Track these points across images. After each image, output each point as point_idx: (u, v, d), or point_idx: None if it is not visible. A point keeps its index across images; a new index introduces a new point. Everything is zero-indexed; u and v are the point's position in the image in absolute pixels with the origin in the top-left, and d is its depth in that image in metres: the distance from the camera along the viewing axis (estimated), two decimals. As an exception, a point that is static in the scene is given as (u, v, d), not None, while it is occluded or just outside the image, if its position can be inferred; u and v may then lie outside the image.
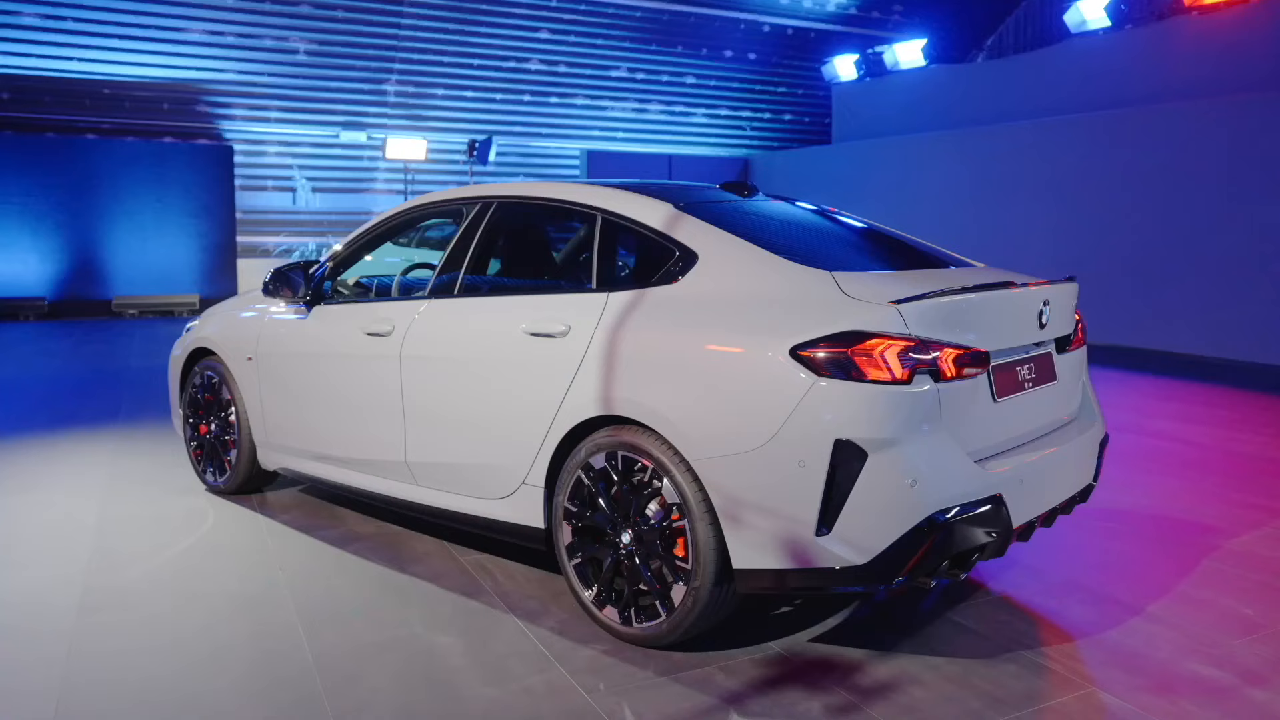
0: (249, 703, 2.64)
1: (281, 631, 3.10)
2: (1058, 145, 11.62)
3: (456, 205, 3.96)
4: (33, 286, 13.72)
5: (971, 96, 14.49)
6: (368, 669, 2.83)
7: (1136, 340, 10.44)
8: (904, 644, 2.99)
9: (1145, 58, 12.03)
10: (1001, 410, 2.88)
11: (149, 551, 3.87)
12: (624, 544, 2.96)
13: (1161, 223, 10.44)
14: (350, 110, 15.94)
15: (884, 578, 2.58)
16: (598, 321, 3.07)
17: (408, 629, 3.12)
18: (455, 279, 3.66)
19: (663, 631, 2.88)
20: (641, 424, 2.90)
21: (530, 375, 3.22)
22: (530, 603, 3.32)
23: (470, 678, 2.77)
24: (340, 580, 3.57)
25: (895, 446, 2.54)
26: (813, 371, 2.59)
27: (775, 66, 19.11)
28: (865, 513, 2.55)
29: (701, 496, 2.76)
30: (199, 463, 4.80)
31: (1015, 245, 11.62)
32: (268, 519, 4.31)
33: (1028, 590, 3.44)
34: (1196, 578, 3.58)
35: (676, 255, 3.07)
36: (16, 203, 13.64)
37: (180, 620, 3.18)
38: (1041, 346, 3.15)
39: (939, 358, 2.62)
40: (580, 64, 17.10)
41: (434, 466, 3.58)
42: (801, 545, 2.61)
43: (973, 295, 2.87)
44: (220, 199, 14.99)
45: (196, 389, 4.73)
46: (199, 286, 14.81)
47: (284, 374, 4.23)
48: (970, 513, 2.60)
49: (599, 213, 3.35)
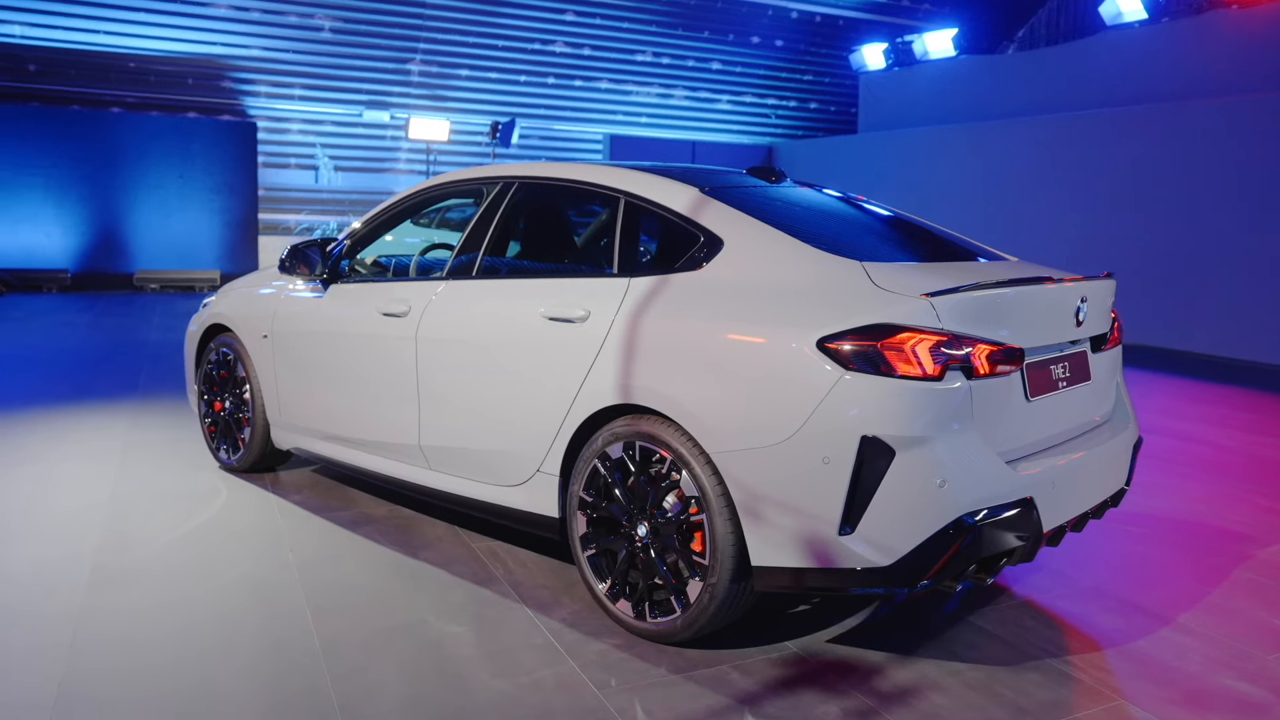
0: (255, 689, 2.60)
1: (290, 617, 3.05)
2: (1089, 140, 11.40)
3: (477, 185, 3.88)
4: (56, 259, 13.77)
5: (1002, 89, 14.24)
6: (376, 658, 2.78)
7: (1165, 340, 10.24)
8: (925, 647, 2.91)
9: (1182, 52, 11.78)
10: (1034, 410, 2.78)
11: (160, 530, 3.84)
12: (640, 537, 2.89)
13: (1194, 221, 10.23)
14: (374, 89, 15.88)
15: (908, 581, 2.49)
16: (618, 307, 2.99)
17: (417, 616, 3.06)
18: (474, 260, 3.59)
19: (677, 628, 2.81)
20: (661, 414, 2.83)
21: (548, 361, 3.15)
22: (542, 593, 3.26)
23: (479, 669, 2.71)
24: (351, 564, 3.52)
25: (924, 445, 2.45)
26: (840, 365, 2.50)
27: (802, 54, 18.91)
28: (890, 513, 2.46)
29: (721, 490, 2.68)
30: (212, 440, 4.77)
31: (1042, 240, 11.43)
32: (280, 499, 4.27)
33: (1052, 595, 3.34)
34: (1227, 587, 3.47)
35: (701, 241, 2.98)
36: (41, 175, 13.68)
37: (189, 603, 3.14)
38: (1077, 345, 3.05)
39: (972, 354, 2.52)
40: (605, 47, 16.96)
41: (448, 451, 3.52)
42: (823, 544, 2.53)
43: (1008, 290, 2.77)
44: (243, 175, 15.00)
45: (212, 365, 4.69)
46: (220, 263, 14.83)
47: (299, 352, 4.18)
48: (1000, 516, 2.51)
49: (622, 195, 3.26)
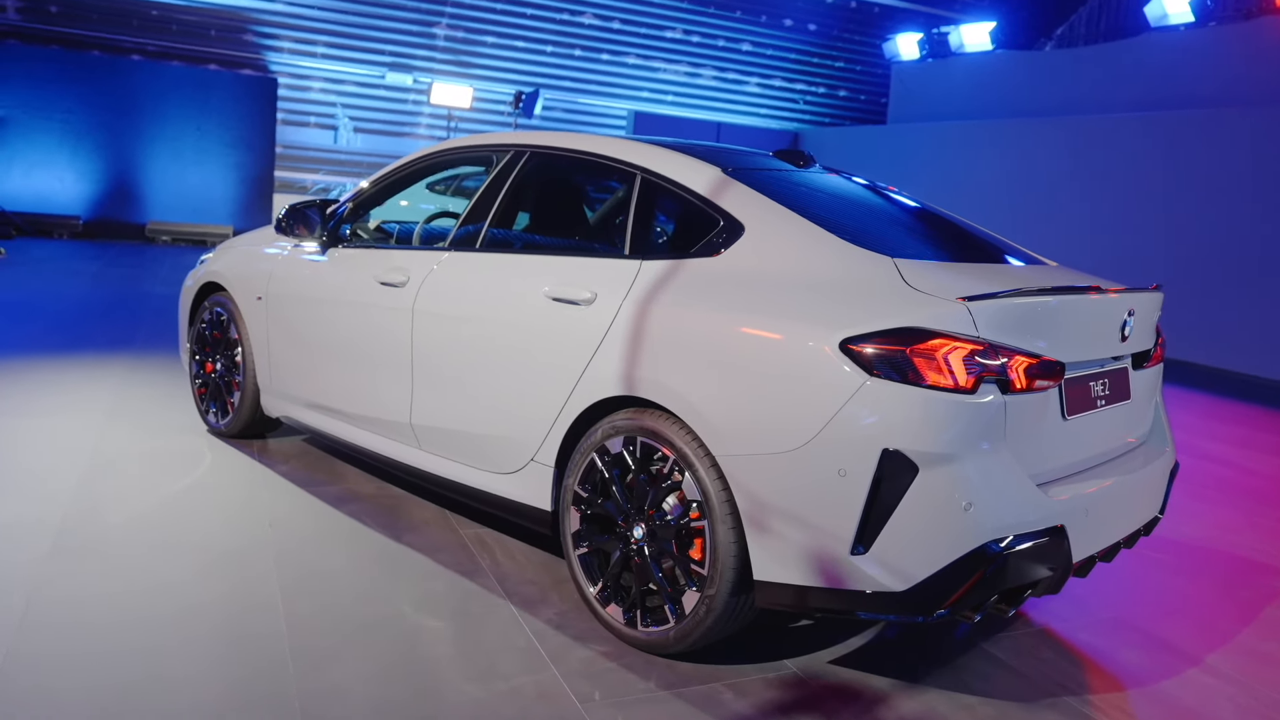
0: (211, 685, 2.38)
1: (260, 603, 2.85)
2: (1127, 143, 11.06)
3: (488, 152, 3.67)
4: (68, 205, 13.62)
5: (1038, 86, 13.87)
6: (345, 649, 2.59)
7: (1194, 355, 9.91)
8: (934, 676, 2.70)
9: (1228, 58, 11.40)
10: (1070, 429, 2.55)
11: (136, 495, 3.66)
12: (635, 538, 2.69)
13: (1231, 233, 9.91)
14: (398, 52, 15.63)
15: (922, 609, 2.28)
16: (627, 291, 2.78)
17: (394, 607, 2.88)
18: (479, 231, 3.38)
19: (669, 639, 2.61)
20: (665, 409, 2.62)
21: (549, 344, 2.94)
22: (529, 589, 3.07)
23: (454, 672, 2.52)
24: (331, 545, 3.34)
25: (951, 463, 2.24)
26: (863, 369, 2.28)
27: (835, 39, 18.55)
28: (909, 534, 2.25)
29: (725, 496, 2.48)
30: (202, 401, 4.59)
31: (1072, 245, 11.11)
32: (266, 468, 4.09)
33: (1073, 625, 3.13)
34: (1261, 627, 3.26)
35: (721, 225, 2.76)
36: (58, 119, 13.50)
37: (152, 581, 2.94)
38: (1119, 360, 2.82)
39: (1009, 365, 2.30)
40: (635, 21, 16.65)
41: (439, 432, 3.33)
42: (832, 562, 2.33)
43: (1050, 298, 2.54)
44: (261, 132, 14.79)
45: (205, 325, 4.50)
46: (234, 218, 14.65)
47: (292, 317, 3.99)
48: (1028, 544, 2.29)
49: (639, 171, 3.04)
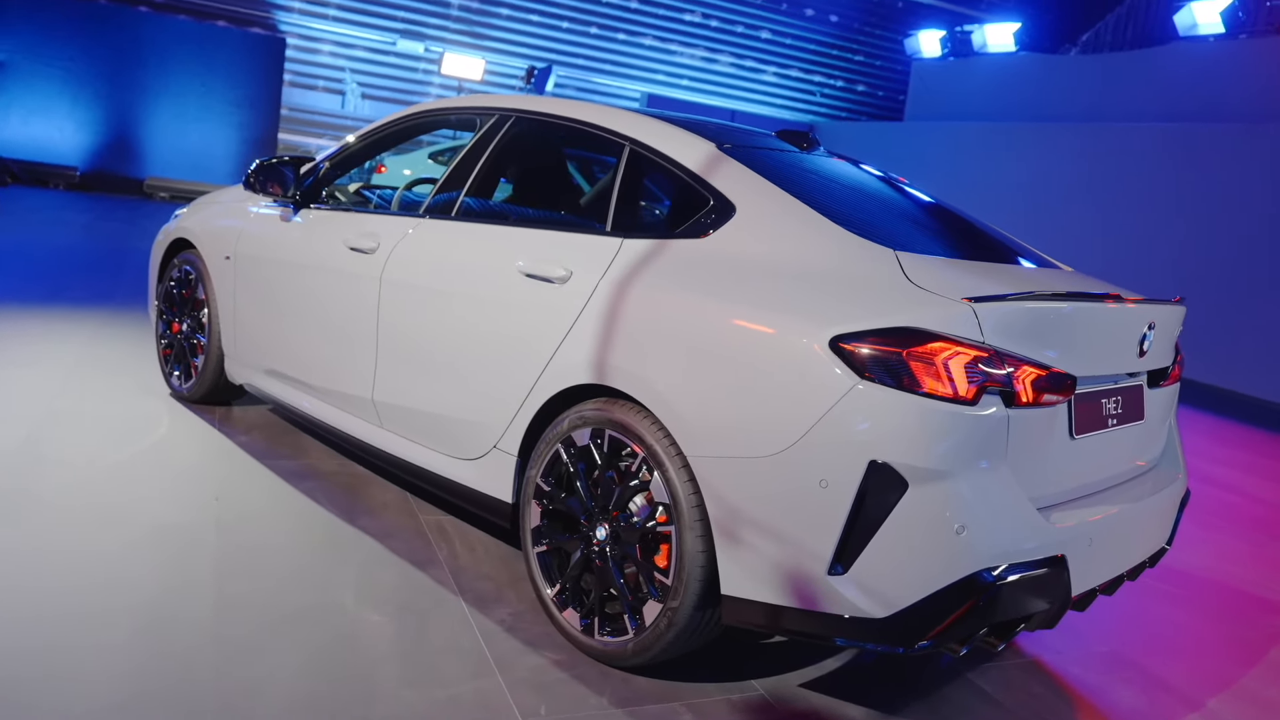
0: (119, 672, 2.17)
1: (188, 574, 2.65)
2: (1145, 153, 10.80)
3: (471, 114, 3.43)
4: (66, 155, 13.38)
5: (1061, 90, 13.58)
6: (275, 640, 2.39)
7: (1207, 376, 9.63)
8: (912, 706, 2.50)
9: (1257, 71, 11.10)
10: (1077, 450, 2.33)
11: (83, 458, 3.45)
12: (598, 539, 2.48)
13: (1249, 252, 9.65)
14: (411, 19, 15.35)
15: (903, 640, 2.07)
16: (605, 271, 2.55)
17: (335, 596, 2.67)
18: (454, 199, 3.16)
19: (628, 651, 2.40)
20: (637, 402, 2.40)
21: (518, 323, 2.72)
22: (484, 584, 2.86)
23: (390, 673, 2.31)
24: (279, 523, 3.13)
25: (944, 480, 2.02)
26: (854, 370, 2.06)
27: (856, 33, 18.24)
28: (893, 556, 2.04)
29: (696, 501, 2.26)
30: (166, 363, 4.38)
31: (1086, 253, 10.85)
32: (224, 437, 3.88)
33: (1065, 658, 2.92)
34: (1265, 671, 3.04)
35: (710, 204, 2.53)
36: (60, 68, 13.24)
37: (80, 552, 2.72)
38: (1134, 377, 2.60)
39: (1015, 376, 2.08)
40: (654, 2, 16.37)
41: (400, 410, 3.11)
42: (808, 582, 2.11)
43: (1065, 304, 2.31)
44: (266, 92, 14.53)
45: (173, 283, 4.29)
46: (233, 178, 14.38)
47: (258, 280, 3.77)
48: (1024, 574, 2.07)
49: (627, 142, 2.81)
